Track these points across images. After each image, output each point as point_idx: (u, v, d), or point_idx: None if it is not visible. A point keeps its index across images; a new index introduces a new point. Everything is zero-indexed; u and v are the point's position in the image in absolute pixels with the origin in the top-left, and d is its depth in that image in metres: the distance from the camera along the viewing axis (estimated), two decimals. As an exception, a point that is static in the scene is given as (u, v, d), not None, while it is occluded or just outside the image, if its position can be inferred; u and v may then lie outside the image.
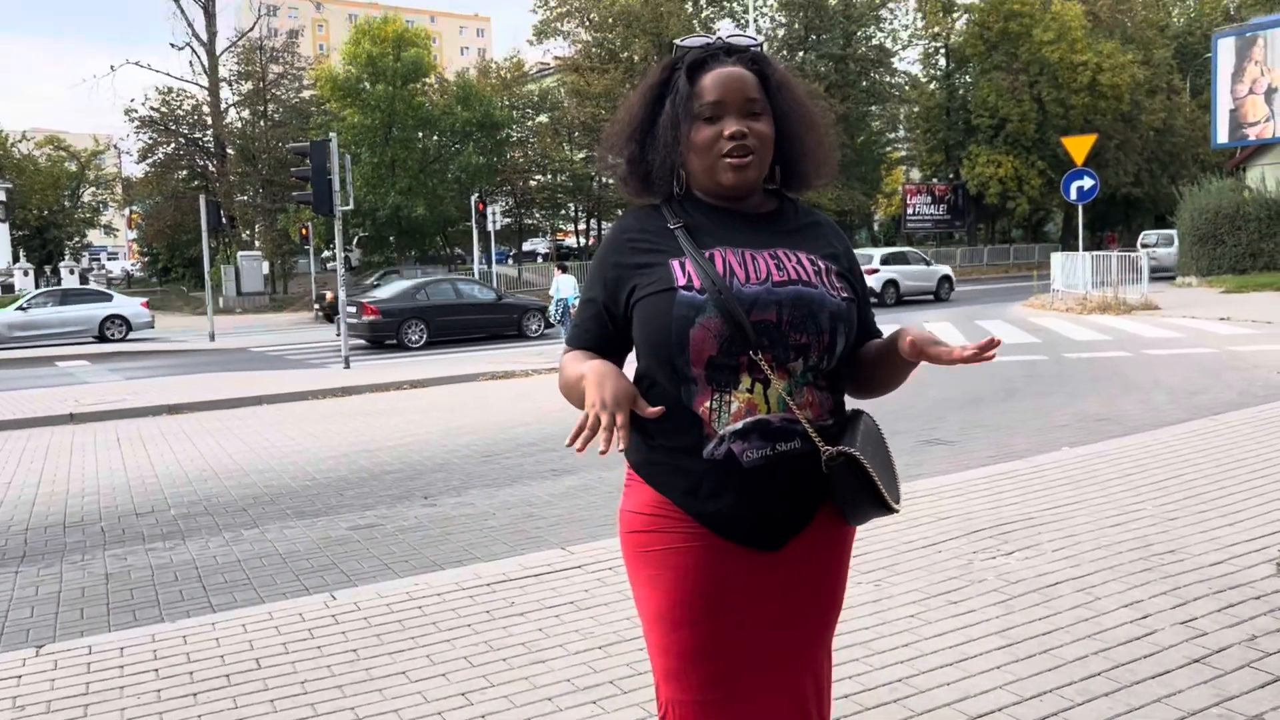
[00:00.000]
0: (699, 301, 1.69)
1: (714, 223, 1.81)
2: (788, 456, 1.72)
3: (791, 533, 1.76)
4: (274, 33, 46.17)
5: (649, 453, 1.80)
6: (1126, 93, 47.16)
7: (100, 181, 54.20)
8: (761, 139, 1.77)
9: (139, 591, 4.98)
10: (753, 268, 1.74)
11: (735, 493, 1.72)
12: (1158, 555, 4.38)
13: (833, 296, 1.75)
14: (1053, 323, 17.89)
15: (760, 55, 1.84)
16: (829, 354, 1.75)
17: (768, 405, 1.71)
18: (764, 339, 1.70)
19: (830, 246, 1.85)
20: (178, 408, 11.65)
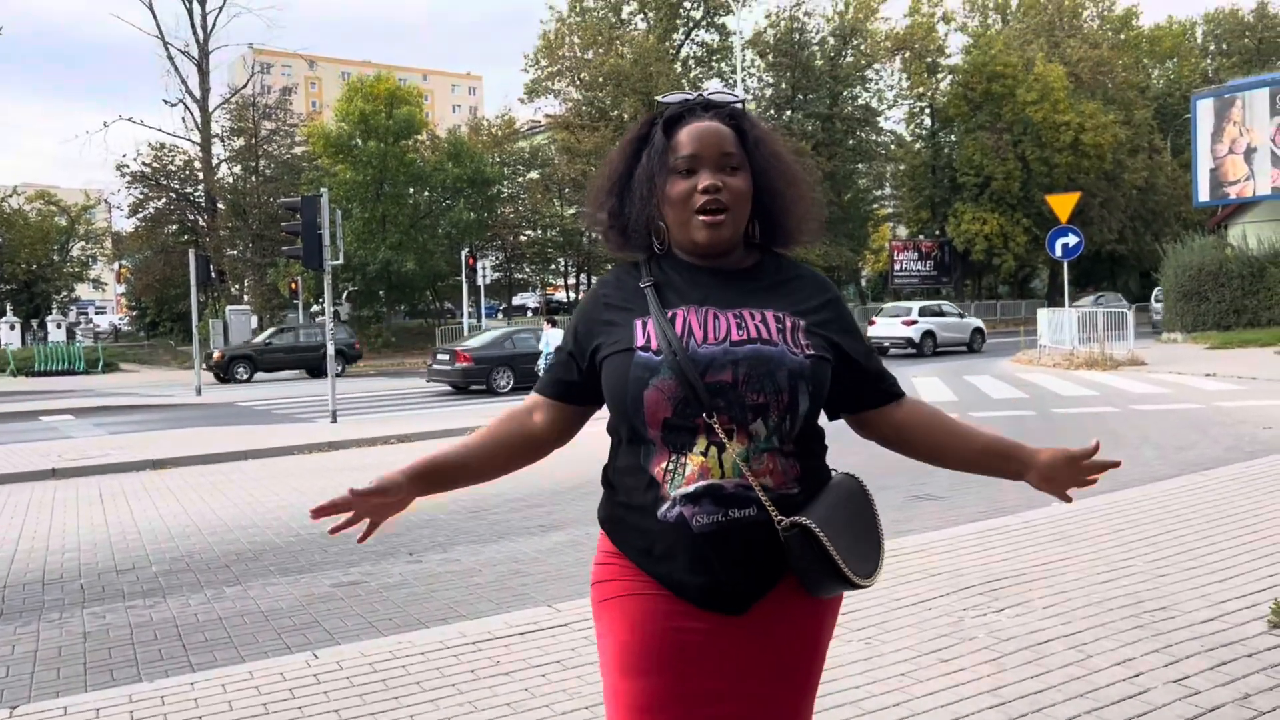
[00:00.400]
0: (654, 363, 1.68)
1: (686, 281, 1.79)
2: (741, 524, 1.67)
3: (752, 598, 1.70)
4: (267, 90, 46.64)
5: (612, 509, 1.81)
6: (1109, 152, 47.95)
7: (90, 236, 54.30)
8: (736, 194, 1.75)
9: (117, 650, 4.89)
10: (713, 327, 1.71)
11: (687, 556, 1.68)
12: (1149, 612, 4.35)
13: (794, 355, 1.69)
14: (1040, 378, 17.95)
15: (739, 111, 1.83)
16: (790, 414, 1.69)
17: (721, 470, 1.66)
18: (719, 400, 1.66)
19: (807, 301, 1.79)
20: (162, 463, 11.54)
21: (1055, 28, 56.21)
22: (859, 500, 1.78)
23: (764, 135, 1.83)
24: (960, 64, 50.87)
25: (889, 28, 49.66)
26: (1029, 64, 48.20)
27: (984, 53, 48.88)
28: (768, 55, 48.77)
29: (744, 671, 1.72)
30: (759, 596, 1.71)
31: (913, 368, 22.55)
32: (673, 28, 47.97)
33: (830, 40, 49.43)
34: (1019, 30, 53.66)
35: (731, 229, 1.76)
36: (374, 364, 34.18)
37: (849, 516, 1.73)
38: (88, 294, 66.29)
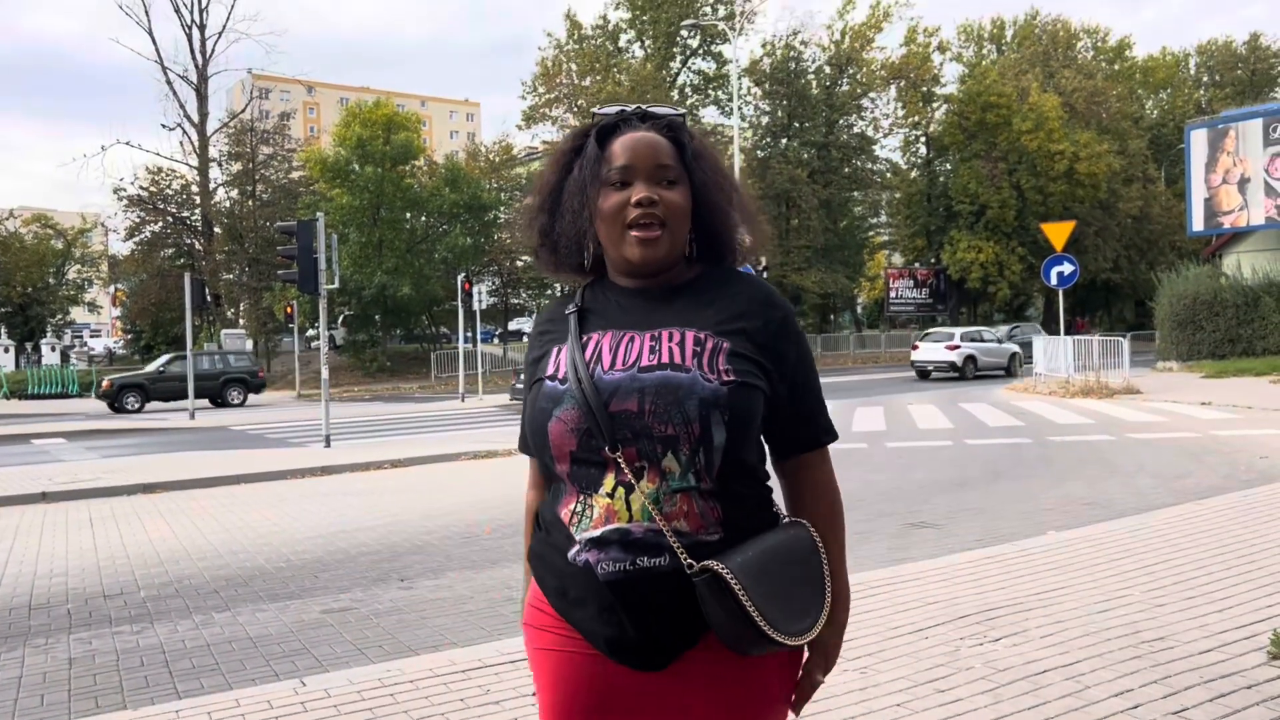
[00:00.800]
0: (558, 393, 1.57)
1: (614, 304, 1.67)
2: (651, 574, 1.50)
3: (671, 654, 1.54)
4: (265, 115, 46.83)
5: (535, 544, 1.70)
6: (1103, 181, 48.27)
7: (86, 259, 54.28)
8: (673, 209, 1.61)
9: (102, 677, 4.82)
10: (624, 352, 1.57)
11: (595, 605, 1.55)
12: (1147, 642, 4.30)
13: (707, 381, 1.52)
14: (1036, 406, 17.95)
15: (677, 122, 1.70)
16: (704, 447, 1.51)
17: (630, 512, 1.51)
18: (626, 431, 1.51)
19: (743, 320, 1.61)
20: (153, 487, 11.47)
21: (1050, 58, 56.76)
22: (801, 549, 1.58)
23: (704, 148, 1.69)
24: (955, 93, 51.25)
25: (884, 57, 50.06)
26: (1024, 93, 48.59)
27: (979, 82, 49.27)
28: (764, 84, 49.11)
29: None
30: (679, 652, 1.55)
31: (909, 395, 22.54)
32: (669, 56, 48.31)
33: (826, 69, 49.79)
34: (1014, 60, 54.15)
35: (667, 246, 1.62)
36: (369, 388, 34.12)
37: (782, 565, 1.54)
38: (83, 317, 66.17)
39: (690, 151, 1.66)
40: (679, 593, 1.51)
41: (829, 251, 48.56)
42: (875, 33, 49.12)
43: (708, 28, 45.61)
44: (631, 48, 49.06)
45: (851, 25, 49.38)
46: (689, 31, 46.53)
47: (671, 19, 45.59)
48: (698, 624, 1.53)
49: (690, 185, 1.65)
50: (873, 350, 46.40)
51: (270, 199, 41.78)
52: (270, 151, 42.68)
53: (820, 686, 1.69)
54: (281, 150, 43.60)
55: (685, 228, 1.65)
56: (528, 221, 1.77)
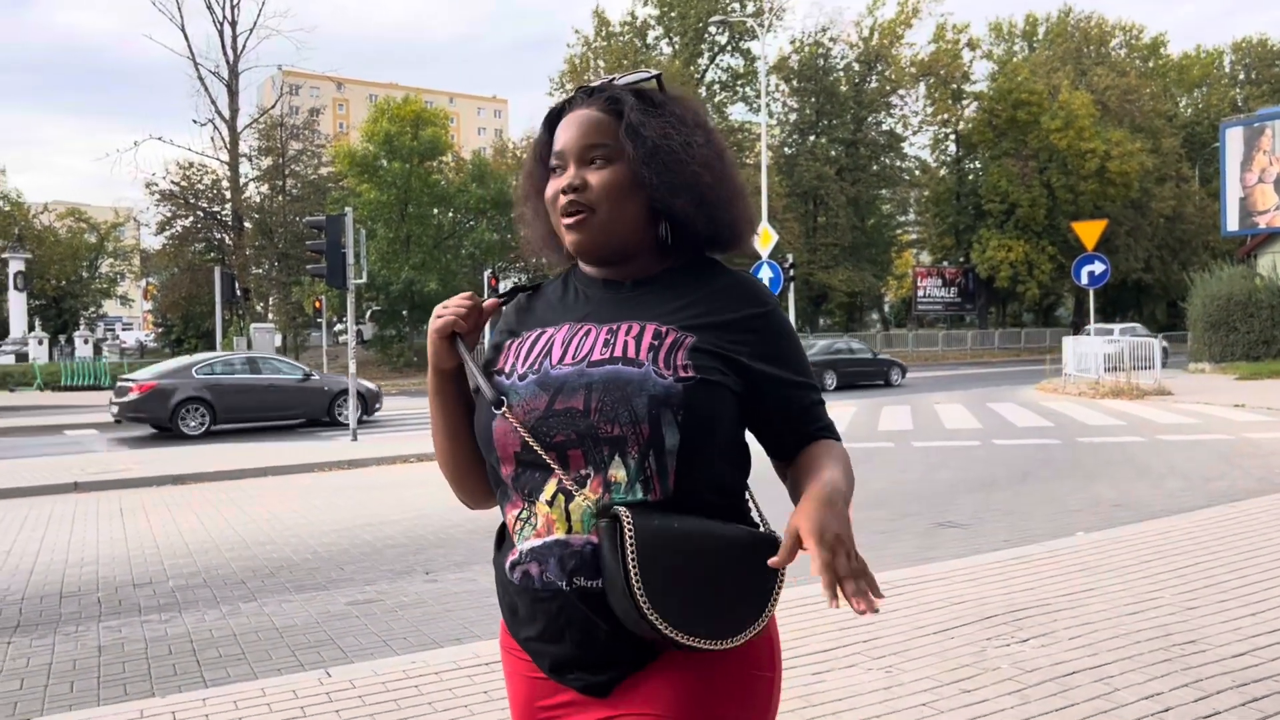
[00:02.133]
0: (503, 387, 1.45)
1: (578, 294, 1.54)
2: (590, 594, 1.36)
3: (615, 678, 1.40)
4: (295, 110, 47.18)
5: (495, 557, 1.55)
6: (1136, 180, 47.78)
7: (118, 253, 54.96)
8: (601, 190, 1.44)
9: (131, 665, 4.87)
10: (575, 346, 1.44)
11: (536, 623, 1.43)
12: (1178, 645, 4.25)
13: (661, 377, 1.36)
14: (1065, 407, 17.78)
15: (619, 91, 1.50)
16: (654, 451, 1.35)
17: (568, 523, 1.37)
18: (570, 431, 1.37)
19: (715, 314, 1.45)
20: (182, 478, 11.58)
21: (1082, 55, 56.20)
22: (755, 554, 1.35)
23: (648, 118, 1.46)
24: (985, 91, 50.87)
25: (913, 54, 49.76)
26: (1055, 91, 48.15)
27: (1010, 79, 48.90)
28: (792, 80, 49.01)
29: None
30: (624, 676, 1.40)
31: (935, 394, 22.38)
32: (697, 53, 48.27)
33: (855, 66, 49.59)
34: (1045, 58, 53.66)
35: (596, 231, 1.46)
36: (395, 383, 34.30)
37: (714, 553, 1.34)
38: (115, 310, 67.00)
39: (626, 122, 1.46)
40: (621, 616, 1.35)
41: (856, 249, 48.39)
42: (905, 29, 48.90)
43: (736, 24, 45.51)
44: (659, 44, 49.07)
45: (881, 22, 49.19)
46: (717, 28, 46.47)
47: (700, 15, 45.53)
48: (642, 650, 1.38)
49: (628, 162, 1.45)
50: (899, 349, 46.20)
51: (299, 194, 42.11)
52: (300, 147, 43.00)
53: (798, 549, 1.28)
54: (311, 146, 43.93)
55: (624, 210, 1.46)
56: (518, 213, 1.66)
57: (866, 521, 7.62)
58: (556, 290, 1.58)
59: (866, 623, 4.65)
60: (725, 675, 1.40)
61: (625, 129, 1.45)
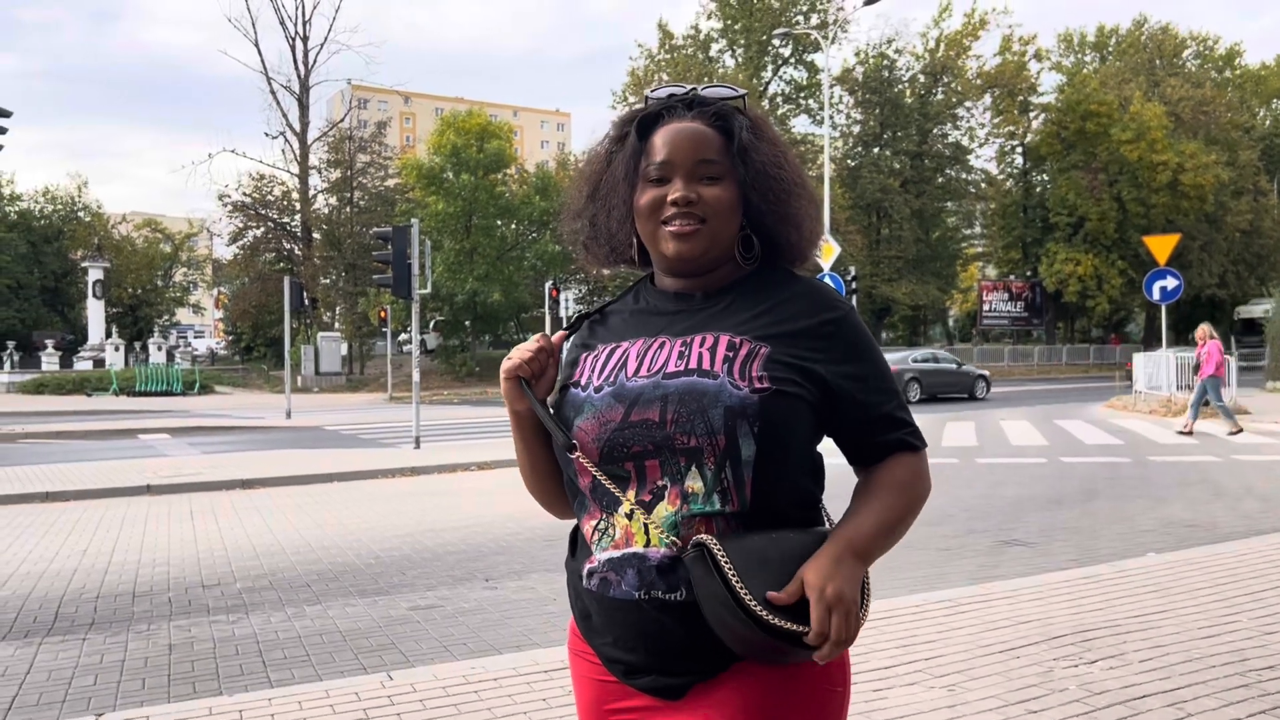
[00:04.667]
0: (579, 400, 1.48)
1: (652, 306, 1.57)
2: (668, 606, 1.39)
3: (690, 680, 1.42)
4: (363, 124, 48.06)
5: (567, 564, 1.60)
6: (1210, 193, 46.58)
7: (192, 263, 56.42)
8: (715, 206, 1.48)
9: (200, 664, 4.98)
10: (651, 358, 1.46)
11: (611, 631, 1.46)
12: (1255, 671, 4.11)
13: (736, 388, 1.38)
14: (1135, 424, 17.35)
15: (726, 111, 1.54)
16: (730, 462, 1.37)
17: (646, 536, 1.40)
18: (647, 443, 1.40)
19: (790, 322, 1.46)
20: (250, 483, 11.83)
21: (1155, 66, 54.98)
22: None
23: (758, 139, 1.52)
24: (1053, 102, 50.00)
25: (979, 65, 49.11)
26: (1125, 102, 47.17)
27: (1078, 91, 48.03)
28: (857, 92, 48.67)
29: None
30: (700, 678, 1.42)
31: (1001, 410, 22.00)
32: (761, 65, 48.17)
33: (920, 78, 49.08)
34: (1116, 69, 52.60)
35: (706, 243, 1.48)
36: (458, 392, 34.69)
37: (793, 560, 1.36)
38: (187, 318, 68.76)
39: (739, 143, 1.50)
40: (696, 626, 1.37)
41: (920, 263, 47.83)
42: (971, 40, 48.28)
43: (800, 36, 45.34)
44: (723, 57, 49.06)
45: (947, 34, 48.61)
46: (780, 40, 46.32)
47: (764, 28, 45.45)
48: (719, 657, 1.40)
49: (737, 181, 1.50)
50: (964, 364, 45.45)
51: (367, 206, 42.82)
52: (367, 159, 43.75)
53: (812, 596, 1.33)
54: (378, 158, 44.66)
55: (730, 226, 1.51)
56: (575, 213, 1.64)
57: (929, 538, 7.50)
58: (628, 304, 1.61)
59: (928, 640, 4.58)
60: (797, 688, 1.41)
61: (737, 150, 1.49)
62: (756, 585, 1.31)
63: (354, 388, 38.51)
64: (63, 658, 5.10)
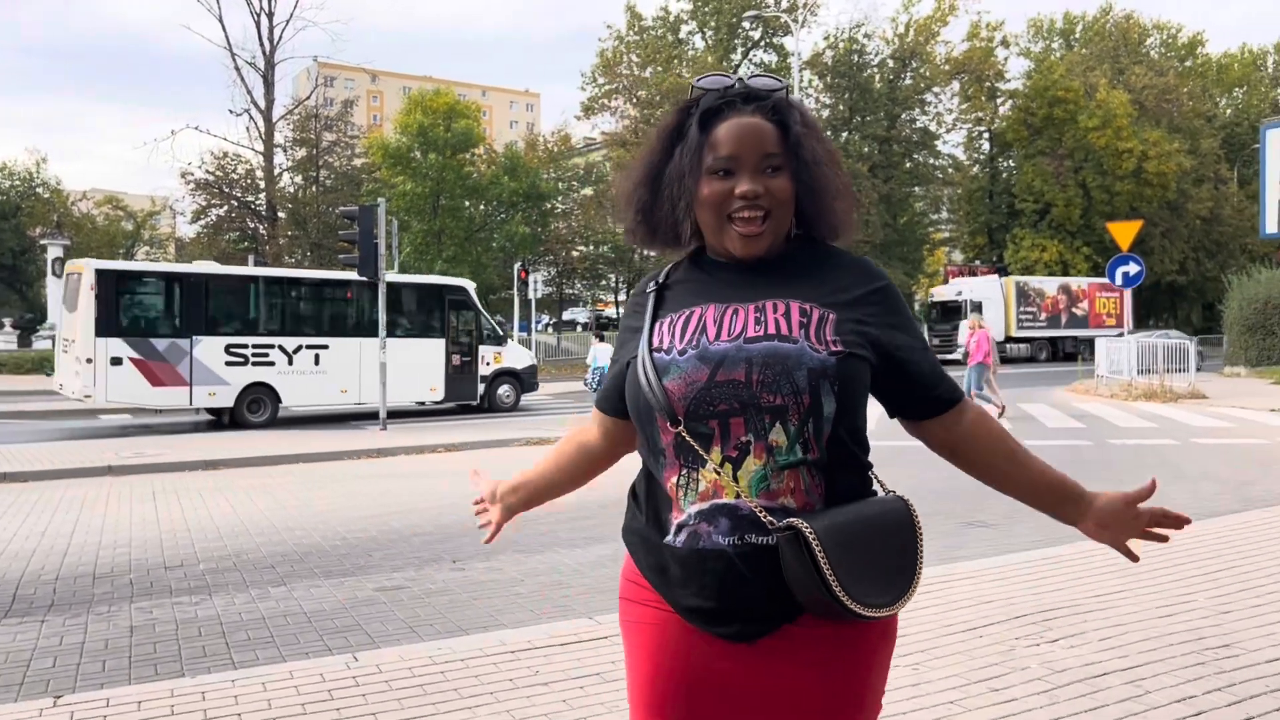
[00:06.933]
0: (664, 363, 1.58)
1: (712, 278, 1.67)
2: (758, 550, 1.51)
3: (766, 627, 1.54)
4: (330, 102, 47.47)
5: (631, 520, 1.70)
6: (1173, 181, 47.16)
7: (154, 241, 55.60)
8: (778, 198, 1.60)
9: (162, 645, 4.93)
10: (729, 323, 1.58)
11: (697, 581, 1.55)
12: (1211, 649, 4.19)
13: (816, 351, 1.52)
14: (1097, 408, 17.59)
15: (782, 103, 1.65)
16: (813, 419, 1.51)
17: (736, 487, 1.52)
18: (734, 401, 1.51)
19: (845, 291, 1.61)
20: (215, 463, 11.71)
21: (1119, 54, 55.49)
22: (895, 523, 1.55)
23: (806, 131, 1.64)
24: (1020, 89, 50.36)
25: (948, 51, 49.30)
26: (1091, 90, 47.59)
27: (1045, 77, 48.39)
28: (826, 76, 48.67)
29: (766, 707, 1.56)
30: (777, 624, 1.54)
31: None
32: (731, 47, 48.05)
33: (889, 63, 49.19)
34: (1082, 56, 53.04)
35: (771, 237, 1.62)
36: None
37: (872, 535, 1.51)
38: (150, 298, 67.89)
39: (794, 135, 1.62)
40: (780, 571, 1.50)
41: (888, 247, 48.05)
42: (940, 26, 48.41)
43: (770, 19, 45.30)
44: (692, 39, 48.91)
45: (916, 19, 48.72)
46: (750, 23, 46.26)
47: (734, 10, 45.34)
48: (793, 603, 1.52)
49: (792, 171, 1.62)
50: (930, 348, 45.77)
51: (333, 185, 42.36)
52: (334, 138, 43.25)
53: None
54: (345, 137, 44.18)
55: (789, 214, 1.64)
56: (627, 197, 1.74)
57: (894, 519, 7.57)
58: (690, 272, 1.71)
59: (893, 620, 4.62)
60: (862, 636, 1.58)
61: (794, 141, 1.62)
62: (845, 574, 1.46)
63: (320, 369, 38.14)
64: (21, 640, 5.03)
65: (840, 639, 1.55)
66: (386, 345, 15.89)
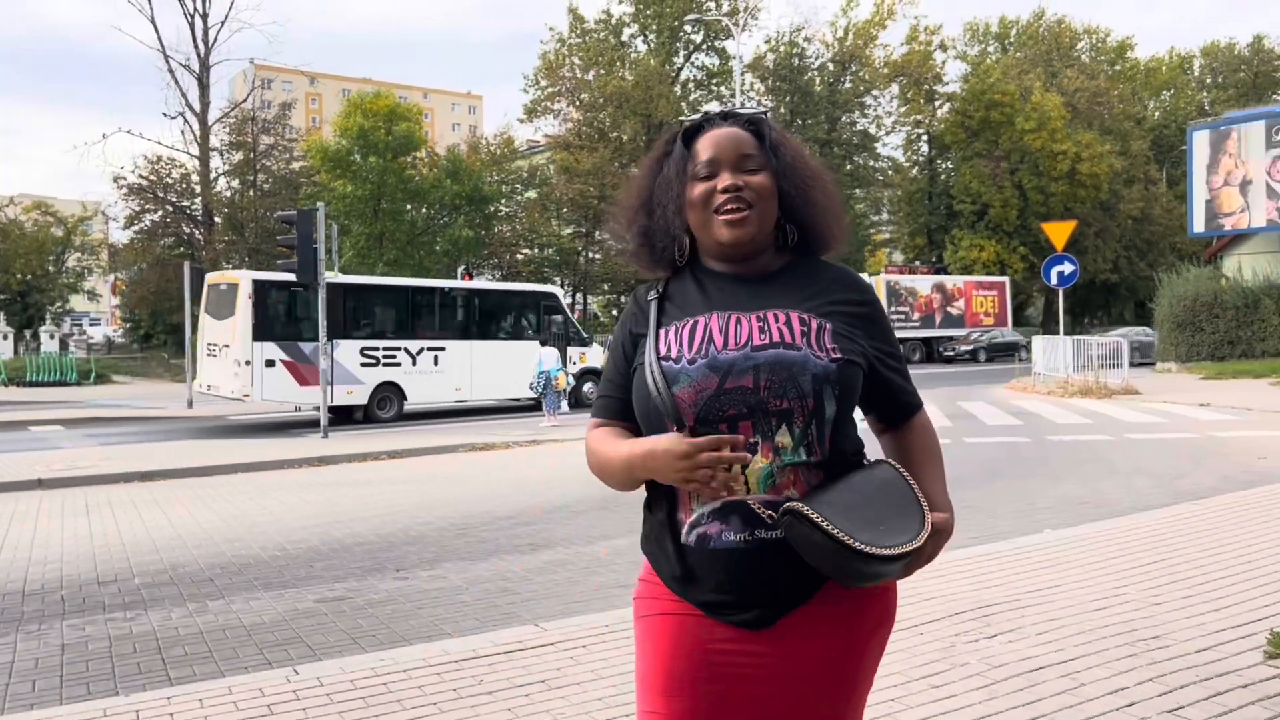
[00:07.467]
0: (674, 371, 1.67)
1: (711, 287, 1.78)
2: (768, 545, 1.63)
3: (780, 612, 1.66)
4: (267, 105, 46.76)
5: (646, 527, 1.79)
6: (1105, 182, 48.25)
7: (86, 247, 54.14)
8: (759, 192, 1.73)
9: (95, 663, 4.81)
10: (734, 332, 1.68)
11: (713, 577, 1.66)
12: (1143, 641, 4.29)
13: (818, 358, 1.65)
14: (1035, 405, 17.94)
15: (758, 117, 1.81)
16: (816, 420, 1.65)
17: (746, 486, 1.63)
18: (742, 406, 1.63)
19: (838, 304, 1.75)
20: (151, 475, 11.46)
21: (1052, 58, 56.68)
22: (884, 480, 1.68)
23: (784, 139, 1.81)
24: (958, 92, 51.20)
25: (887, 55, 49.98)
26: (1026, 93, 48.53)
27: (982, 81, 49.24)
28: (767, 79, 49.08)
29: (781, 688, 1.68)
30: (786, 610, 1.66)
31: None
32: (673, 50, 48.25)
33: (829, 66, 49.73)
34: (1017, 60, 54.08)
35: (755, 226, 1.73)
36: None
37: (864, 494, 1.63)
38: (82, 305, 66.16)
39: (770, 141, 1.78)
40: (790, 559, 1.62)
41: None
42: (879, 30, 49.08)
43: (711, 23, 45.54)
44: (635, 42, 49.00)
45: (855, 22, 49.34)
46: (692, 26, 46.46)
47: (675, 14, 45.50)
48: (804, 588, 1.65)
49: (774, 173, 1.76)
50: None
51: (271, 189, 41.75)
52: (271, 141, 42.63)
53: None
54: (283, 140, 43.56)
55: (772, 210, 1.76)
56: (627, 223, 1.88)
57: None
58: (686, 285, 1.81)
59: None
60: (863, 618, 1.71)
61: (769, 146, 1.78)
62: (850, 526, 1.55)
63: (260, 376, 37.50)
64: (-54, 661, 4.87)
65: (840, 619, 1.68)
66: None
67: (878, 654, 1.75)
